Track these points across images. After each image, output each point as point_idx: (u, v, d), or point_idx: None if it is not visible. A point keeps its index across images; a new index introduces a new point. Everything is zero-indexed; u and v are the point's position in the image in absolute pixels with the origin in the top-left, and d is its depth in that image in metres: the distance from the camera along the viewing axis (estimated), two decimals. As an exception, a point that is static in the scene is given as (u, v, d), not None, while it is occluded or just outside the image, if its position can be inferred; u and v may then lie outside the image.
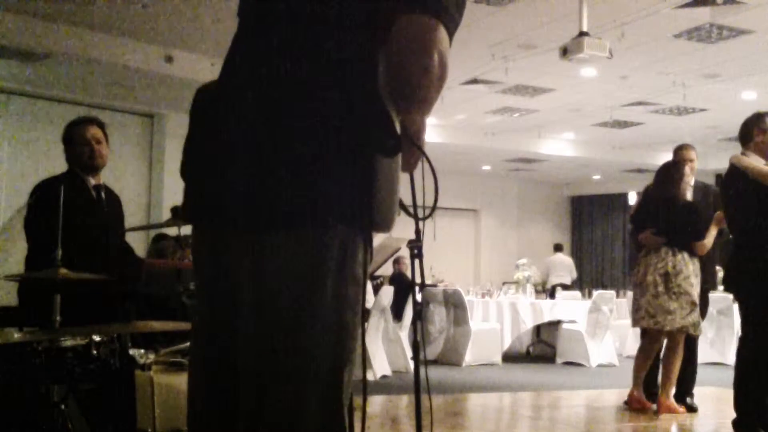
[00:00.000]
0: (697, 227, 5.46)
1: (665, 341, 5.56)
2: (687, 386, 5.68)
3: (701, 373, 6.02)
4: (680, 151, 5.87)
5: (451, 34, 1.58)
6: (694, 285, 5.42)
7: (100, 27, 7.85)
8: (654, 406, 5.56)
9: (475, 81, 9.31)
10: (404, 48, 1.54)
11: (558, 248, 13.94)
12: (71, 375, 2.65)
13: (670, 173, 5.59)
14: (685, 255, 5.44)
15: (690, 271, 5.42)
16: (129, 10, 7.33)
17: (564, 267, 13.26)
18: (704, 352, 8.11)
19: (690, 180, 5.65)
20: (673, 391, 5.57)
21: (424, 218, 1.68)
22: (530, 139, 12.76)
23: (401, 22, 1.54)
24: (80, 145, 3.71)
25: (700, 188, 5.84)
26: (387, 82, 1.55)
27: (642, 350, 5.72)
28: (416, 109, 1.58)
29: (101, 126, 3.83)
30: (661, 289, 5.45)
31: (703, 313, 5.63)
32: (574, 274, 13.80)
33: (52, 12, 7.43)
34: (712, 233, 5.46)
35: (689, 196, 5.71)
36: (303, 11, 1.60)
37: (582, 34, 6.63)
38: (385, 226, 1.60)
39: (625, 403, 5.75)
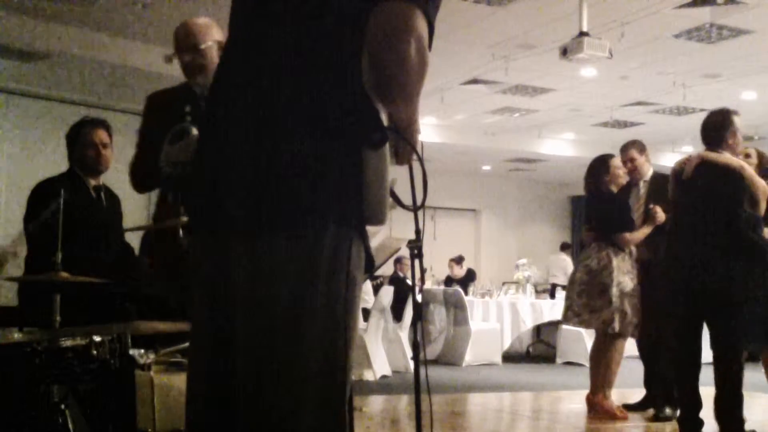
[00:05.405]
0: (620, 219, 5.26)
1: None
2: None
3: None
4: (622, 149, 5.74)
5: (430, 22, 1.51)
6: (618, 281, 5.19)
7: (100, 27, 7.85)
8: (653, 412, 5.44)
9: (475, 81, 9.29)
10: (380, 36, 1.49)
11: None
12: (71, 375, 2.65)
13: (596, 168, 5.44)
14: (610, 250, 5.25)
15: (614, 266, 5.21)
16: (129, 10, 7.32)
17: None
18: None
19: (622, 174, 5.43)
20: (610, 391, 5.39)
21: (416, 209, 1.66)
22: (530, 139, 12.74)
23: (377, 11, 1.48)
24: (86, 146, 3.70)
25: (659, 180, 5.45)
26: (368, 74, 1.52)
27: (592, 352, 5.54)
28: (399, 100, 1.54)
29: (108, 129, 3.84)
30: (585, 286, 5.29)
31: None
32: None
33: (52, 12, 7.42)
34: (644, 230, 5.25)
35: (641, 190, 5.53)
36: (299, 10, 1.59)
37: (582, 34, 6.63)
38: (377, 220, 1.58)
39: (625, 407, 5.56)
